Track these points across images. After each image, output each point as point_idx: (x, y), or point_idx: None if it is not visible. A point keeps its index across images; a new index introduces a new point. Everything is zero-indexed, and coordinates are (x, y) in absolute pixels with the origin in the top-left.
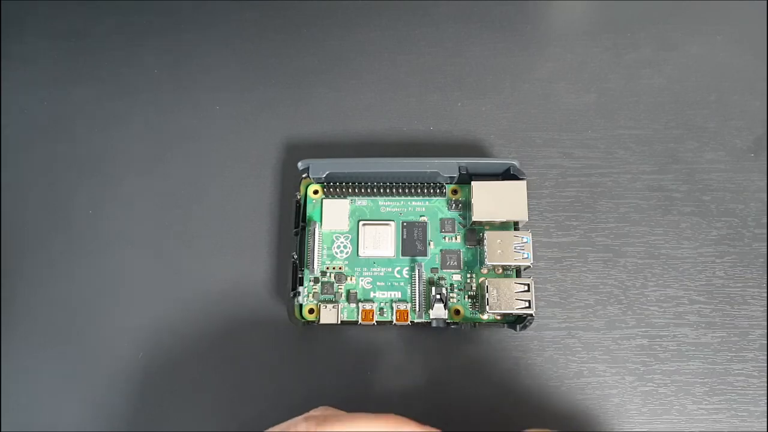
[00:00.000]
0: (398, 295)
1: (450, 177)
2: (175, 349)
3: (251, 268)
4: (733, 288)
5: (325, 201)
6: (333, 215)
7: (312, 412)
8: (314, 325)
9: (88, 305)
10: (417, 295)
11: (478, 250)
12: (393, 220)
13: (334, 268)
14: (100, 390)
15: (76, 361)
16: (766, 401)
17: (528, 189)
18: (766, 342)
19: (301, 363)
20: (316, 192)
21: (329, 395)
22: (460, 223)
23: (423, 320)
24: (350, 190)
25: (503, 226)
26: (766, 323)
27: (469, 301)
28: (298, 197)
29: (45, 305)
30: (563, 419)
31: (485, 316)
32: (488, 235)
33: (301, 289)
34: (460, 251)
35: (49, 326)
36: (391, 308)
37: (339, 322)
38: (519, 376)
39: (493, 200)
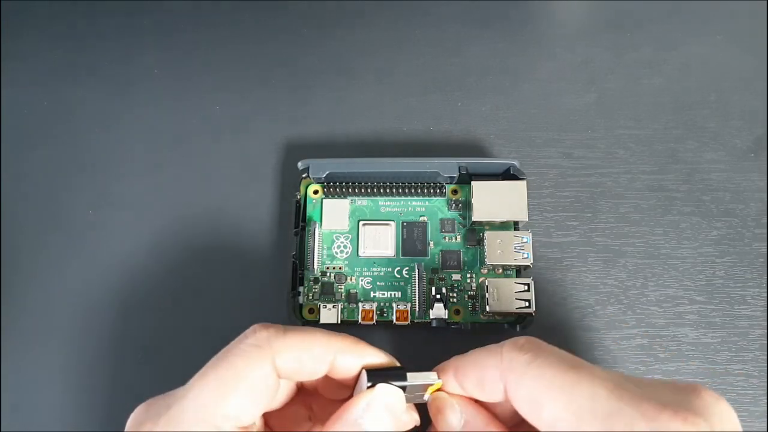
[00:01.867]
0: (398, 295)
1: (450, 177)
2: (175, 350)
3: (251, 267)
4: (733, 288)
5: (325, 201)
6: (333, 215)
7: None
8: (314, 325)
9: (88, 305)
10: (417, 295)
11: (478, 250)
12: (393, 220)
13: (334, 268)
14: (100, 390)
15: (76, 361)
16: (766, 401)
17: (528, 189)
18: (766, 342)
19: None
20: (316, 192)
21: None
22: (460, 223)
23: (423, 320)
24: (350, 190)
25: (503, 226)
26: (766, 323)
27: (469, 301)
28: (298, 197)
29: (45, 305)
30: None
31: (485, 316)
32: (488, 235)
33: (301, 289)
34: (460, 251)
35: (49, 326)
36: (391, 308)
37: (339, 322)
38: None
39: (493, 200)
